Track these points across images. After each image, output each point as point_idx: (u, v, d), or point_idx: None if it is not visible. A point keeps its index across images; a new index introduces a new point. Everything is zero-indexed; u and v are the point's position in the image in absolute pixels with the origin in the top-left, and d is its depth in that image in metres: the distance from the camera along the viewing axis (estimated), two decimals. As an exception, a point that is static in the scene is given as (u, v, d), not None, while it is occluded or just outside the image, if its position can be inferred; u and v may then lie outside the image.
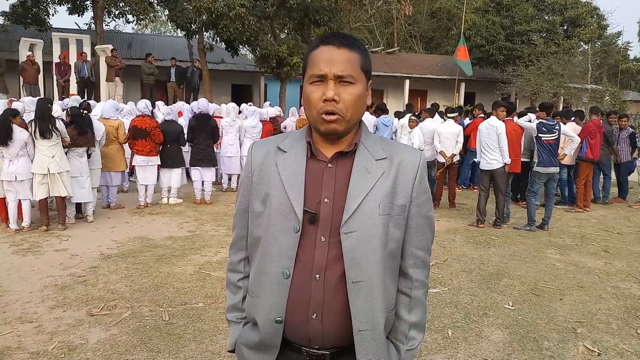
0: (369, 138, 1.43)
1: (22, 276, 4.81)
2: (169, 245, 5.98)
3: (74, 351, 3.39)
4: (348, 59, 1.33)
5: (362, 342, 1.33)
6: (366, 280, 1.33)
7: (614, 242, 6.80)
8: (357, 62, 1.35)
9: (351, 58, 1.34)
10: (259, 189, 1.44)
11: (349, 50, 1.34)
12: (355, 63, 1.34)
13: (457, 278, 5.11)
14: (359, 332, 1.33)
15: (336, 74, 1.31)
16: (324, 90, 1.32)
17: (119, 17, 19.15)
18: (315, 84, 1.34)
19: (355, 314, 1.32)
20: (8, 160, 6.20)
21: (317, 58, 1.34)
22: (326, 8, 15.99)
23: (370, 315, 1.33)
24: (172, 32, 38.17)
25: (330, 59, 1.32)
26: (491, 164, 7.06)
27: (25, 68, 13.56)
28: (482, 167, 7.21)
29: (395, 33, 30.24)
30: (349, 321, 1.33)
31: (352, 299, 1.32)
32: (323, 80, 1.32)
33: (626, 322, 4.17)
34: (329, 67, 1.31)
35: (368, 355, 1.34)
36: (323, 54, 1.33)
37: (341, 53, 1.33)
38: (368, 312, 1.33)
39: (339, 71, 1.31)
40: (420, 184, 1.42)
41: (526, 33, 20.56)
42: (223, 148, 9.42)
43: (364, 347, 1.34)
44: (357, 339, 1.33)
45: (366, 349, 1.34)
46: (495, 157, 7.03)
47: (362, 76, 1.36)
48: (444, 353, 3.51)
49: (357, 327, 1.33)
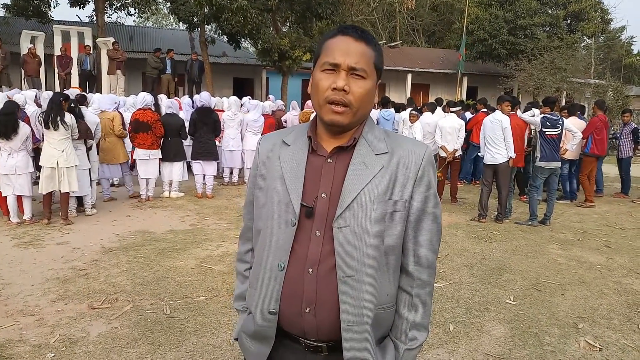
0: (373, 132, 1.41)
1: (23, 269, 4.82)
2: (170, 239, 5.98)
3: (75, 344, 3.39)
4: (364, 52, 1.33)
5: (350, 337, 1.32)
6: (356, 275, 1.32)
7: (616, 237, 6.79)
8: (371, 58, 1.34)
9: (367, 53, 1.33)
10: (263, 181, 1.45)
11: (365, 45, 1.33)
12: (369, 58, 1.34)
13: (458, 273, 5.10)
14: (346, 326, 1.32)
15: (350, 65, 1.30)
16: (334, 79, 1.31)
17: (121, 10, 19.13)
18: (327, 72, 1.33)
19: (344, 308, 1.31)
20: (7, 153, 6.20)
21: (334, 47, 1.33)
22: (329, 1, 15.93)
23: (359, 310, 1.32)
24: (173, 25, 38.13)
25: (347, 49, 1.31)
26: (495, 159, 7.03)
27: (26, 61, 13.52)
28: (487, 161, 7.17)
29: (397, 27, 30.16)
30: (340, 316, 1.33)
31: (341, 293, 1.31)
32: (335, 69, 1.31)
33: (628, 317, 4.16)
34: (344, 58, 1.30)
35: (354, 351, 1.33)
36: (340, 44, 1.33)
37: (358, 46, 1.32)
38: (356, 307, 1.32)
39: (353, 63, 1.30)
40: (424, 179, 1.38)
41: (529, 27, 20.46)
42: (225, 142, 9.41)
43: (351, 342, 1.33)
44: (344, 333, 1.32)
45: (353, 344, 1.33)
46: (499, 151, 6.99)
47: (374, 73, 1.36)
48: (445, 348, 3.51)
49: (345, 322, 1.32)
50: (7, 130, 6.10)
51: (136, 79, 16.85)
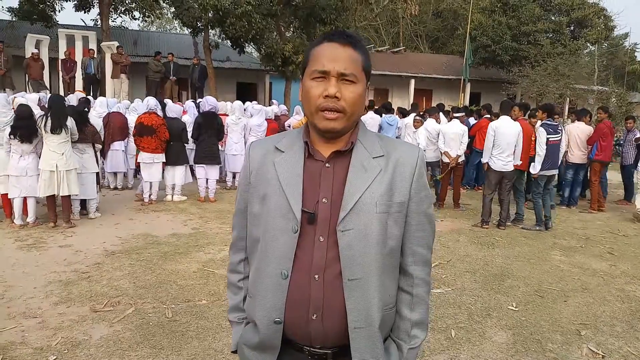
0: (366, 136, 1.42)
1: (26, 272, 4.83)
2: (172, 243, 5.98)
3: (78, 347, 3.40)
4: (351, 57, 1.33)
5: (357, 340, 1.33)
6: (362, 278, 1.32)
7: (619, 244, 6.76)
8: (359, 61, 1.35)
9: (354, 57, 1.33)
10: (257, 189, 1.43)
11: (352, 49, 1.34)
12: (358, 62, 1.34)
13: (460, 278, 5.09)
14: (354, 329, 1.32)
15: (339, 72, 1.31)
16: (325, 87, 1.31)
17: (125, 14, 19.21)
18: (316, 80, 1.33)
19: (351, 311, 1.31)
20: (18, 155, 6.22)
21: (321, 54, 1.33)
22: (332, 6, 15.98)
23: (366, 312, 1.33)
24: (177, 29, 38.27)
25: (334, 56, 1.31)
26: (507, 166, 7.01)
27: (29, 64, 13.62)
28: (496, 168, 7.06)
29: (401, 32, 30.23)
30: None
31: (347, 296, 1.31)
32: (325, 76, 1.31)
33: (631, 324, 4.14)
34: (333, 64, 1.30)
35: (363, 353, 1.33)
36: (327, 51, 1.33)
37: (345, 51, 1.33)
38: (364, 309, 1.32)
39: (342, 69, 1.31)
40: (419, 181, 1.41)
41: (532, 33, 20.45)
42: (228, 146, 9.43)
43: (359, 344, 1.33)
44: (352, 336, 1.32)
45: (361, 347, 1.33)
46: (510, 158, 7.00)
47: (363, 76, 1.36)
48: (447, 354, 3.50)
49: (353, 325, 1.32)
50: (30, 134, 6.16)
51: (140, 83, 16.90)
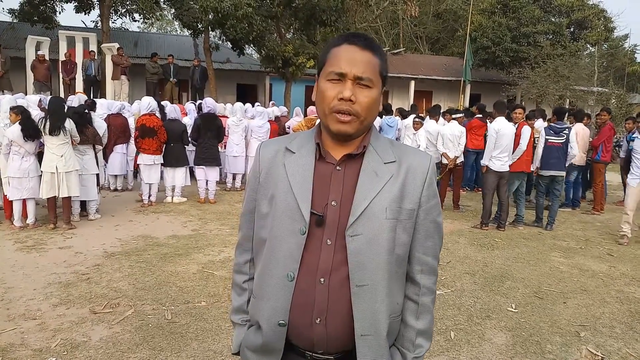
0: (379, 140, 1.41)
1: (26, 273, 4.83)
2: (172, 244, 5.99)
3: (77, 349, 3.40)
4: (370, 61, 1.31)
5: (364, 347, 1.31)
6: (370, 284, 1.30)
7: (618, 245, 6.76)
8: (377, 66, 1.33)
9: (372, 62, 1.32)
10: (266, 189, 1.41)
11: (371, 54, 1.32)
12: (375, 67, 1.32)
13: (460, 280, 5.09)
14: (361, 336, 1.30)
15: (356, 75, 1.29)
16: (340, 89, 1.29)
17: (126, 16, 19.22)
18: (332, 82, 1.31)
19: (358, 318, 1.30)
20: (20, 157, 6.23)
21: (339, 56, 1.31)
22: (332, 8, 15.97)
23: (374, 319, 1.31)
24: (178, 31, 38.31)
25: (353, 59, 1.30)
26: (504, 166, 7.07)
27: (36, 66, 13.72)
28: (495, 168, 7.08)
29: (401, 34, 30.23)
30: (352, 326, 1.31)
31: (355, 303, 1.30)
32: (341, 79, 1.30)
33: (630, 326, 4.14)
34: (350, 67, 1.29)
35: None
36: (346, 53, 1.31)
37: (364, 55, 1.31)
38: (371, 316, 1.31)
39: (359, 72, 1.29)
40: (429, 189, 1.39)
41: (532, 35, 20.48)
42: (228, 147, 9.43)
43: (366, 352, 1.31)
44: (358, 343, 1.31)
45: (367, 355, 1.31)
46: (507, 159, 7.05)
47: (380, 81, 1.35)
48: (446, 355, 3.50)
49: (360, 332, 1.30)
50: (36, 132, 6.19)
51: (140, 85, 16.91)
